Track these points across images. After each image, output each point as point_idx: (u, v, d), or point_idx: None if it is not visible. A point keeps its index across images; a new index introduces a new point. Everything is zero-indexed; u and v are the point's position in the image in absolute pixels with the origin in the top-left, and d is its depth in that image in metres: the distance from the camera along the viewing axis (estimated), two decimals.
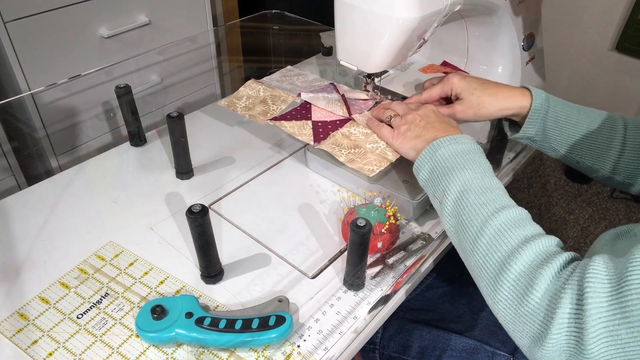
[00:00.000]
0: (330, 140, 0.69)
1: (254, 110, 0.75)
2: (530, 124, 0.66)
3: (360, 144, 0.67)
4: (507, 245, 0.48)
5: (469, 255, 0.52)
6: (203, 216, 0.52)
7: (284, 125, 0.72)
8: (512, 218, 0.50)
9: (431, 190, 0.58)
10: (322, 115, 0.73)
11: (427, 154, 0.58)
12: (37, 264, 0.61)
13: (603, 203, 1.84)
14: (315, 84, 0.81)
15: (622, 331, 0.40)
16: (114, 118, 1.10)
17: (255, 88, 0.79)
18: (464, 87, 0.67)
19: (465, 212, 0.52)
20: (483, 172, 0.54)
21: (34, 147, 1.17)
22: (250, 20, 1.21)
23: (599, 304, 0.41)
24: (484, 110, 0.67)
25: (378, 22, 0.64)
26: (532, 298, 0.45)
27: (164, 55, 1.32)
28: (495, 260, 0.48)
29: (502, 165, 0.79)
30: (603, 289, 0.41)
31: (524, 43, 0.85)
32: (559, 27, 1.88)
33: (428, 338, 0.69)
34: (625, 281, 0.40)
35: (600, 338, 0.40)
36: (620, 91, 1.82)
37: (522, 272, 0.46)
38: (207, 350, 0.52)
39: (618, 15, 1.72)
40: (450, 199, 0.54)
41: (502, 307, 0.47)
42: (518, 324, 0.46)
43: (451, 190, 0.54)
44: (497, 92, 0.67)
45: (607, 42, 1.79)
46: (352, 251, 0.55)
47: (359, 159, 0.65)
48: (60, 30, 1.12)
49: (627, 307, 0.39)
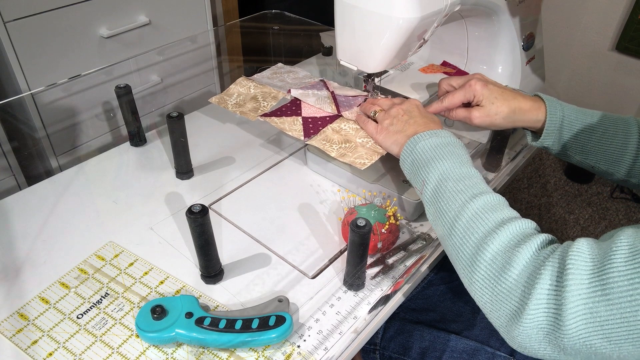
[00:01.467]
0: (320, 136, 0.69)
1: (244, 107, 0.76)
2: (547, 136, 0.67)
3: (351, 139, 0.69)
4: (483, 227, 0.49)
5: (446, 239, 0.52)
6: (203, 216, 0.52)
7: (275, 121, 0.72)
8: (489, 203, 0.51)
9: (414, 183, 0.59)
10: (312, 112, 0.74)
11: (408, 149, 0.59)
12: (37, 264, 0.61)
13: (603, 203, 1.84)
14: (305, 81, 0.82)
15: (601, 308, 0.40)
16: (114, 118, 1.10)
17: (246, 85, 0.80)
18: (486, 95, 0.67)
19: (443, 199, 0.53)
20: (461, 162, 0.55)
21: (34, 147, 1.17)
22: (250, 20, 1.21)
23: (580, 281, 0.41)
24: (499, 121, 0.67)
25: (378, 22, 0.64)
26: (509, 275, 0.45)
27: (164, 55, 1.32)
28: (472, 242, 0.49)
29: (502, 165, 0.79)
30: (585, 267, 0.41)
31: (524, 43, 0.85)
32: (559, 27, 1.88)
33: (428, 339, 0.69)
34: (608, 260, 0.41)
35: (579, 315, 0.40)
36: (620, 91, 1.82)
37: (499, 252, 0.47)
38: (207, 350, 0.52)
39: (618, 15, 1.72)
40: (429, 188, 0.55)
41: (478, 287, 0.48)
42: (495, 302, 0.46)
43: (430, 179, 0.55)
44: (516, 105, 0.67)
45: (607, 42, 1.79)
46: (352, 251, 0.55)
47: (350, 153, 0.66)
48: (60, 30, 1.12)
49: (607, 284, 0.40)
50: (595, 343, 0.40)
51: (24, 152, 1.15)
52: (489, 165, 0.78)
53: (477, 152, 0.81)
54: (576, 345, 0.41)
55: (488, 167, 0.79)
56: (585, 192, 1.90)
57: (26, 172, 1.13)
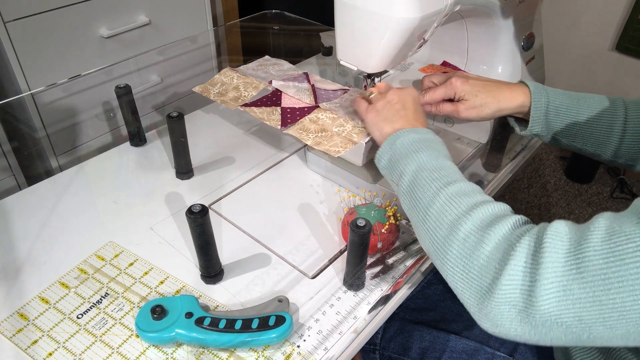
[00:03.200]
0: (297, 125, 0.70)
1: (226, 96, 0.77)
2: (534, 123, 0.67)
3: (327, 128, 0.69)
4: (457, 210, 0.49)
5: (420, 225, 0.52)
6: (203, 216, 0.52)
7: (254, 110, 0.73)
8: (463, 189, 0.51)
9: (390, 177, 0.59)
10: (291, 102, 0.75)
11: (388, 144, 0.59)
12: (37, 264, 0.61)
13: (603, 203, 1.84)
14: (289, 73, 0.83)
15: (574, 286, 0.40)
16: (114, 118, 1.10)
17: (230, 75, 0.81)
18: (467, 90, 0.68)
19: (418, 188, 0.53)
20: (438, 155, 0.56)
21: (34, 147, 1.17)
22: (250, 20, 1.21)
23: (556, 259, 0.41)
24: (487, 111, 0.68)
25: (378, 22, 0.64)
26: (482, 252, 0.45)
27: (164, 55, 1.32)
28: (445, 225, 0.49)
29: (502, 165, 0.79)
30: (562, 246, 0.41)
31: (524, 43, 0.85)
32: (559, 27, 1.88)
33: (428, 339, 0.69)
34: (585, 240, 0.41)
35: (552, 292, 0.40)
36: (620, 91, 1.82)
37: (472, 231, 0.47)
38: (207, 350, 0.52)
39: (618, 15, 1.72)
40: (406, 180, 0.55)
41: (450, 266, 0.48)
42: (467, 280, 0.46)
43: (407, 171, 0.55)
44: (499, 93, 0.68)
45: (607, 42, 1.79)
46: (352, 251, 0.55)
47: (326, 142, 0.67)
48: (60, 30, 1.12)
49: (582, 263, 0.40)
50: (567, 321, 0.40)
51: (24, 152, 1.15)
52: (489, 165, 0.78)
53: (477, 152, 0.81)
54: (547, 322, 0.41)
55: (488, 167, 0.79)
56: (585, 192, 1.90)
57: (26, 172, 1.13)
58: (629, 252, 0.38)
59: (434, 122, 0.86)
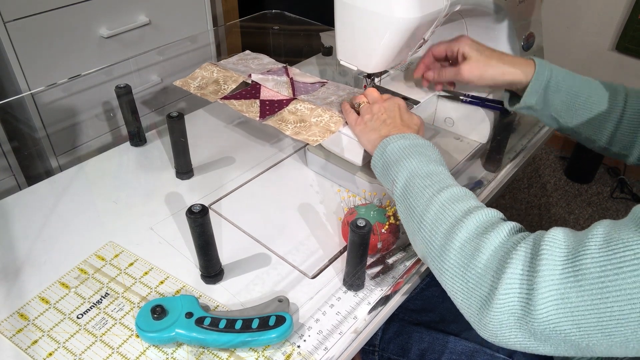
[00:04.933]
0: (276, 117, 0.72)
1: (206, 90, 0.78)
2: (531, 92, 0.67)
3: (306, 118, 0.71)
4: (450, 218, 0.49)
5: (416, 234, 0.52)
6: (203, 216, 0.52)
7: (233, 103, 0.74)
8: (454, 195, 0.51)
9: (384, 184, 0.60)
10: (270, 95, 0.76)
11: (379, 152, 0.60)
12: (37, 264, 0.61)
13: (603, 203, 1.84)
14: (268, 67, 0.84)
15: (572, 294, 0.40)
16: (114, 118, 1.10)
17: (210, 70, 0.82)
18: (474, 47, 0.69)
19: (411, 196, 0.54)
20: (428, 160, 0.56)
21: (34, 147, 1.17)
22: (250, 20, 1.21)
23: (553, 267, 0.41)
24: (490, 70, 0.68)
25: (378, 22, 0.64)
26: (478, 261, 0.45)
27: (164, 55, 1.32)
28: (440, 234, 0.49)
29: (502, 165, 0.79)
30: (559, 254, 0.41)
31: (524, 43, 0.85)
32: (559, 27, 1.88)
33: (427, 340, 0.69)
34: (582, 247, 0.41)
35: (550, 300, 0.40)
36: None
37: (467, 239, 0.47)
38: (207, 350, 0.52)
39: (618, 15, 1.72)
40: (398, 187, 0.56)
41: (449, 276, 0.48)
42: (466, 290, 0.46)
43: (399, 178, 0.56)
44: (504, 56, 0.69)
45: (607, 42, 1.79)
46: (352, 251, 0.55)
47: (304, 132, 0.69)
48: (60, 30, 1.12)
49: (580, 270, 0.40)
50: (565, 329, 0.40)
51: (24, 152, 1.15)
52: (489, 165, 0.78)
53: (477, 152, 0.81)
54: (546, 330, 0.41)
55: (488, 167, 0.79)
56: (585, 192, 1.90)
57: (26, 172, 1.13)
58: (626, 260, 0.38)
59: (434, 123, 0.86)
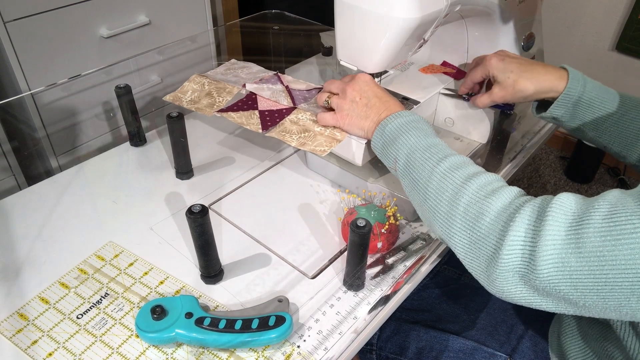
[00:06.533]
0: (279, 128, 0.70)
1: (200, 104, 0.76)
2: (558, 105, 0.66)
3: (309, 128, 0.69)
4: (452, 184, 0.51)
5: (423, 205, 0.54)
6: (203, 216, 0.52)
7: (232, 116, 0.72)
8: (454, 163, 0.53)
9: (386, 162, 0.61)
10: (268, 105, 0.74)
11: (378, 134, 0.61)
12: (37, 264, 0.61)
13: None
14: (259, 75, 0.82)
15: (572, 259, 0.41)
16: (114, 118, 1.10)
17: (200, 82, 0.80)
18: (500, 68, 0.68)
19: (414, 169, 0.56)
20: (425, 134, 0.58)
21: (34, 147, 1.17)
22: (250, 20, 1.21)
23: (557, 232, 0.43)
24: (520, 94, 0.68)
25: (378, 22, 0.64)
26: (483, 223, 0.48)
27: (164, 55, 1.32)
28: (444, 201, 0.51)
29: (502, 165, 0.79)
30: (565, 220, 0.43)
31: (524, 43, 0.85)
32: (559, 27, 1.88)
33: (425, 339, 0.69)
34: (587, 216, 0.42)
35: (551, 262, 0.42)
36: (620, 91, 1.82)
37: (470, 202, 0.49)
38: (207, 351, 0.52)
39: (618, 15, 1.72)
40: (401, 163, 0.57)
41: (457, 239, 0.50)
42: (473, 250, 0.49)
43: (400, 155, 0.58)
44: (533, 75, 0.67)
45: (607, 42, 1.79)
46: (352, 251, 0.55)
47: (310, 142, 0.67)
48: (60, 30, 1.12)
49: (581, 238, 0.41)
50: (564, 289, 0.43)
51: (24, 152, 1.15)
52: (489, 165, 0.78)
53: (477, 152, 0.81)
54: (547, 287, 0.43)
55: (488, 167, 0.78)
56: (585, 192, 1.90)
57: (26, 172, 1.13)
58: (625, 233, 0.40)
59: (434, 123, 0.86)
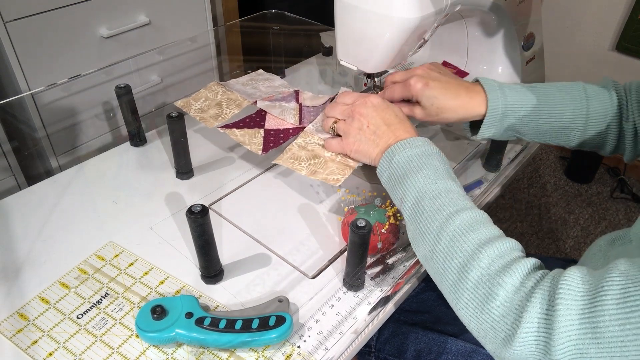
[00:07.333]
0: (287, 154, 0.66)
1: (206, 113, 0.73)
2: (486, 128, 0.66)
3: (319, 153, 0.65)
4: (462, 251, 0.47)
5: (428, 261, 0.51)
6: (203, 216, 0.52)
7: (235, 133, 0.70)
8: (467, 221, 0.48)
9: (393, 198, 0.57)
10: (275, 124, 0.71)
11: (384, 164, 0.57)
12: (37, 264, 0.61)
13: (603, 203, 1.84)
14: (279, 90, 0.79)
15: (591, 350, 0.39)
16: (114, 118, 1.10)
17: (215, 90, 0.77)
18: (426, 95, 0.65)
19: (422, 219, 0.51)
20: (437, 176, 0.53)
21: (34, 147, 1.17)
22: (250, 20, 1.21)
23: (570, 321, 0.40)
24: (442, 119, 0.67)
25: (378, 22, 0.64)
26: (495, 305, 0.44)
27: (164, 55, 1.32)
28: (453, 268, 0.47)
29: (502, 165, 0.79)
30: (576, 305, 0.40)
31: (524, 43, 0.85)
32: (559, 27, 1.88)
33: (424, 341, 0.69)
34: (599, 300, 0.39)
35: (568, 353, 0.39)
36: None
37: (480, 279, 0.45)
38: (207, 351, 0.52)
39: (618, 15, 1.72)
40: (407, 207, 0.53)
41: (465, 314, 0.47)
42: (483, 330, 0.45)
43: (407, 197, 0.53)
44: (457, 103, 0.65)
45: (607, 42, 1.79)
46: (352, 251, 0.55)
47: (322, 170, 0.63)
48: (60, 30, 1.12)
49: (598, 327, 0.38)
50: None
51: (24, 152, 1.15)
52: (489, 165, 0.78)
53: (477, 152, 0.81)
54: None
55: (488, 167, 0.79)
56: (585, 192, 1.90)
57: (26, 172, 1.13)
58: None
59: None
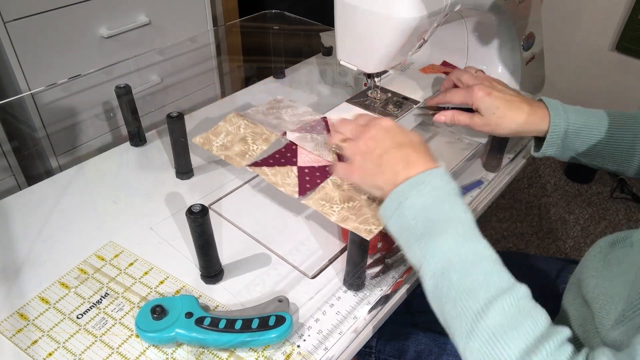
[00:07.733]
0: (319, 194, 0.59)
1: (231, 151, 0.66)
2: (549, 145, 0.66)
3: (354, 196, 0.58)
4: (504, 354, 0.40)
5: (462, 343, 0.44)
6: (203, 216, 0.52)
7: (266, 172, 0.62)
8: (508, 313, 0.42)
9: (404, 249, 0.51)
10: (309, 160, 0.64)
11: (391, 206, 0.50)
12: (37, 264, 0.61)
13: (603, 203, 1.84)
14: (304, 118, 0.72)
15: None
16: (114, 118, 1.10)
17: (236, 123, 0.70)
18: (487, 104, 0.66)
19: (449, 300, 0.45)
20: (464, 234, 0.46)
21: (34, 147, 1.17)
22: (250, 20, 1.21)
23: None
24: (502, 131, 0.67)
25: (378, 22, 0.64)
26: None
27: (164, 55, 1.32)
28: None
29: (502, 165, 0.79)
30: None
31: (524, 43, 0.85)
32: (559, 27, 1.89)
33: (424, 342, 0.68)
34: None
35: None
36: (620, 91, 1.82)
37: None
38: (207, 350, 0.52)
39: (618, 15, 1.72)
40: (428, 276, 0.46)
41: None
42: None
43: (429, 266, 0.46)
44: (518, 115, 0.65)
45: (607, 42, 1.79)
46: (352, 251, 0.55)
47: (354, 216, 0.55)
48: (60, 30, 1.12)
49: None
50: None
51: (24, 152, 1.15)
52: (489, 165, 0.78)
53: (477, 152, 0.81)
54: None
55: (488, 167, 0.79)
56: (585, 192, 1.90)
57: (26, 172, 1.13)
58: None
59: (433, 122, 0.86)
